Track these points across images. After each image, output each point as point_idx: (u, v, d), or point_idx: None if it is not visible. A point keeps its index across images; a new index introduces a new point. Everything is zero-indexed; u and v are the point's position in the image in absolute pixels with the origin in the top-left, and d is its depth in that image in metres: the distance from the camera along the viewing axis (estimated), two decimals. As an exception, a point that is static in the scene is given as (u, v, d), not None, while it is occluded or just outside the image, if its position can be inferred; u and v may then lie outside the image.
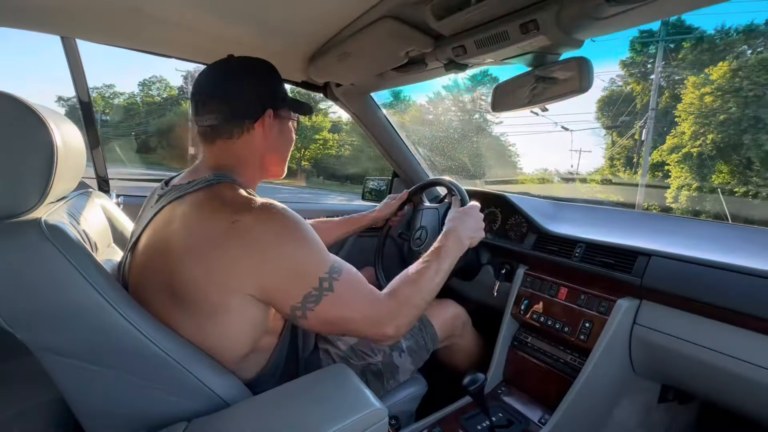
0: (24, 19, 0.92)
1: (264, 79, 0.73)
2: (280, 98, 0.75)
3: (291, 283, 0.60)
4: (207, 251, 0.57)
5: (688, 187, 11.07)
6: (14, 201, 0.49)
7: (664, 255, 0.87)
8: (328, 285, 0.61)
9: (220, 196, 0.63)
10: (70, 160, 0.57)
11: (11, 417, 0.77)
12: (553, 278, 1.09)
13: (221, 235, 0.57)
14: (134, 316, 0.52)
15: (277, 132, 0.75)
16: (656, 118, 12.68)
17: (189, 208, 0.61)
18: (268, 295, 0.60)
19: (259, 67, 0.74)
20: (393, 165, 1.73)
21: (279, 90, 0.75)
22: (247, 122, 0.70)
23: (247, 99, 0.71)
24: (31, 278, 0.47)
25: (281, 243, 0.59)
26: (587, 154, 36.99)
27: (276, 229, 0.60)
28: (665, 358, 0.86)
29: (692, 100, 10.70)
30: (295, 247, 0.61)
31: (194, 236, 0.58)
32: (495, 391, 1.09)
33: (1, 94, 0.49)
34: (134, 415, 0.55)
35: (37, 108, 0.51)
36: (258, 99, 0.71)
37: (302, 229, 0.62)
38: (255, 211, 0.59)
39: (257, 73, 0.73)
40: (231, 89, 0.70)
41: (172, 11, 0.84)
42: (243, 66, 0.73)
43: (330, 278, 0.62)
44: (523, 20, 0.68)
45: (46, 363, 0.50)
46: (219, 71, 0.72)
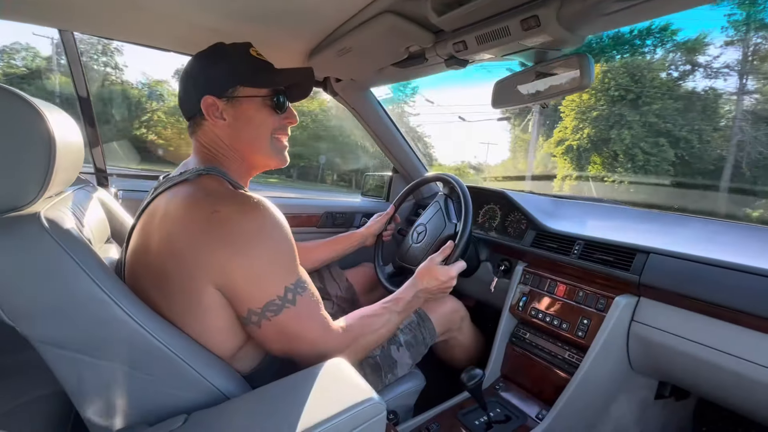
0: (23, 12, 0.92)
1: (205, 66, 0.69)
2: (229, 80, 0.68)
3: (257, 284, 0.58)
4: (184, 240, 0.57)
5: (570, 177, 12.35)
6: (13, 195, 0.49)
7: (662, 252, 0.87)
8: (291, 297, 0.60)
9: (204, 187, 0.62)
10: (68, 154, 0.57)
11: (13, 409, 0.78)
12: (552, 275, 1.09)
13: (200, 225, 0.57)
14: (132, 308, 0.53)
15: (233, 116, 0.69)
16: (545, 112, 13.63)
17: (174, 199, 0.61)
18: (230, 292, 0.58)
19: (206, 53, 0.70)
20: (392, 161, 1.72)
21: (226, 72, 0.68)
22: (198, 117, 0.70)
23: (188, 91, 0.69)
24: (31, 271, 0.47)
25: (257, 239, 0.58)
26: (495, 147, 41.01)
27: (255, 225, 0.58)
28: (663, 355, 0.87)
29: (573, 96, 11.36)
30: (269, 248, 0.59)
31: (175, 226, 0.58)
32: (493, 386, 1.10)
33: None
34: (134, 408, 0.55)
35: (35, 102, 0.51)
36: (197, 89, 0.68)
37: (281, 231, 0.61)
38: (236, 204, 0.59)
39: (200, 62, 0.70)
40: (181, 85, 0.71)
41: (170, 4, 0.84)
42: (193, 59, 0.71)
43: (295, 291, 0.61)
44: (524, 16, 0.68)
45: (47, 356, 0.50)
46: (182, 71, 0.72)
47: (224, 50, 0.70)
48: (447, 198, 1.22)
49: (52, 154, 0.51)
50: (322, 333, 0.66)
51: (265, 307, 0.59)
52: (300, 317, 0.62)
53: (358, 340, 0.72)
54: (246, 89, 0.69)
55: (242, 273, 0.57)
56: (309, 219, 1.57)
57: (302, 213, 1.55)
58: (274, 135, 0.74)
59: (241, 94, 0.68)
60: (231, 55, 0.69)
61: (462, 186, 1.12)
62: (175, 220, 0.58)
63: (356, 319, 0.75)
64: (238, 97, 0.68)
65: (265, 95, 0.70)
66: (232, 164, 0.72)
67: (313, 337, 0.64)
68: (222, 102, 0.67)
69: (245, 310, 0.59)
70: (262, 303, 0.59)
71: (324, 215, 1.61)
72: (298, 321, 0.62)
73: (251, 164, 0.75)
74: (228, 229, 0.56)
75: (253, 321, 0.60)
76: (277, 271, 0.60)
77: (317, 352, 0.65)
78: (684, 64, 11.91)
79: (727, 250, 0.83)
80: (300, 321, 0.62)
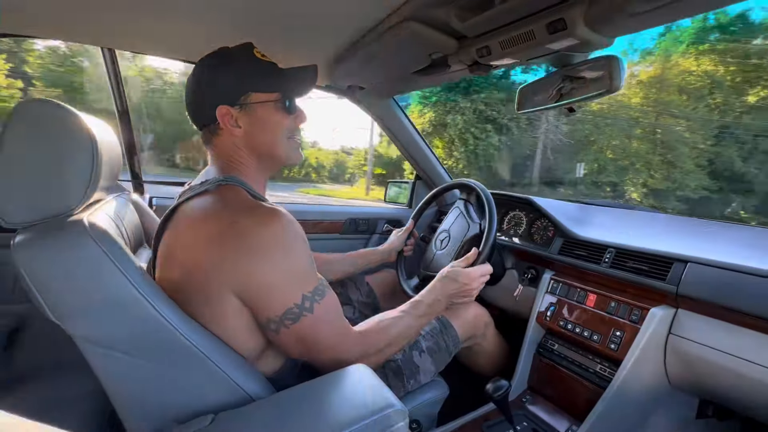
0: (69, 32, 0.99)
1: (214, 74, 0.68)
2: (240, 87, 0.68)
3: (274, 293, 0.60)
4: (204, 250, 0.58)
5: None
6: (60, 201, 0.53)
7: (702, 261, 0.82)
8: (309, 305, 0.61)
9: (224, 198, 0.64)
10: (108, 162, 0.61)
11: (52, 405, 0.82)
12: (581, 284, 1.05)
13: (219, 235, 0.58)
14: (165, 309, 0.55)
15: (249, 123, 0.70)
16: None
17: (196, 210, 0.63)
18: (249, 300, 0.60)
19: (213, 61, 0.69)
20: (416, 167, 1.72)
21: (236, 79, 0.68)
22: (211, 126, 0.70)
23: (199, 102, 0.69)
24: (75, 273, 0.50)
25: (275, 250, 0.59)
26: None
27: (273, 236, 0.59)
28: (704, 371, 0.81)
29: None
30: (287, 257, 0.60)
31: (196, 236, 0.60)
32: (519, 398, 1.06)
33: (46, 101, 0.53)
34: (165, 406, 0.57)
35: (80, 114, 0.54)
36: (209, 99, 0.68)
37: (298, 241, 0.62)
38: (255, 215, 0.60)
39: (209, 70, 0.69)
40: (188, 95, 0.71)
41: (202, 20, 0.88)
42: (200, 65, 0.70)
43: (312, 298, 0.62)
44: (550, 19, 0.67)
45: (87, 353, 0.53)
46: (187, 80, 0.71)
47: (230, 56, 0.70)
48: (466, 202, 1.21)
49: (94, 162, 0.54)
50: (340, 340, 0.66)
51: (283, 315, 0.60)
52: (318, 325, 0.63)
53: (378, 345, 0.72)
54: (257, 95, 0.69)
55: (260, 282, 0.59)
56: (332, 225, 1.59)
57: (325, 219, 1.57)
58: (289, 136, 0.75)
59: (253, 101, 0.69)
60: (239, 61, 0.69)
61: (486, 192, 1.10)
62: (196, 229, 0.61)
63: (375, 325, 0.75)
64: (251, 103, 0.69)
65: (276, 99, 0.71)
66: (250, 171, 0.73)
67: (331, 344, 0.65)
68: (235, 110, 0.68)
69: (264, 318, 0.61)
70: (281, 311, 0.60)
71: (347, 221, 1.62)
72: (316, 328, 0.63)
73: (269, 167, 0.76)
74: (246, 239, 0.58)
75: (272, 328, 0.61)
76: (294, 280, 0.61)
77: (336, 358, 0.66)
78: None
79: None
80: (318, 328, 0.63)
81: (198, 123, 0.72)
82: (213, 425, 0.52)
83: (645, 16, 0.62)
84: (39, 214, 0.52)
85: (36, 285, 0.49)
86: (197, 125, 0.73)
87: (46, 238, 0.50)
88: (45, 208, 0.52)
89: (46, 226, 0.51)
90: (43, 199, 0.52)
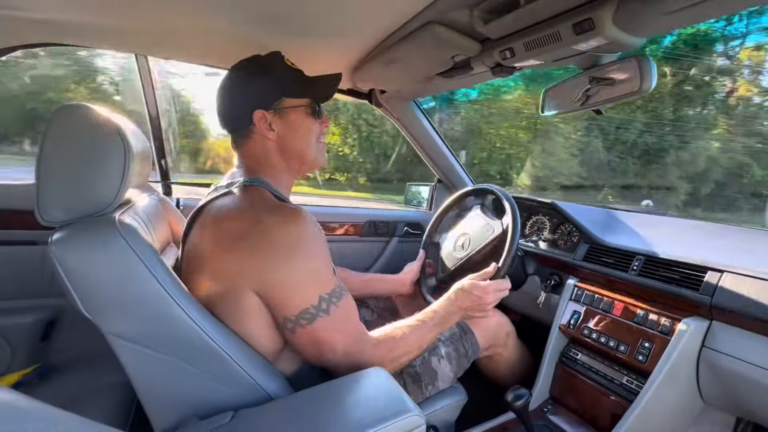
0: (102, 40, 1.04)
1: (250, 80, 0.72)
2: (275, 93, 0.72)
3: (292, 293, 0.61)
4: (229, 246, 0.61)
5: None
6: (93, 201, 0.55)
7: (738, 271, 0.78)
8: (326, 307, 0.62)
9: (249, 198, 0.66)
10: (139, 164, 0.63)
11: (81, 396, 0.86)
12: (607, 292, 1.02)
13: (244, 234, 0.60)
14: (190, 307, 0.57)
15: (283, 127, 0.73)
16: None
17: (222, 209, 0.65)
18: (268, 298, 0.61)
19: (248, 67, 0.74)
20: (437, 171, 1.72)
21: (271, 85, 0.72)
22: (243, 129, 0.73)
23: (235, 106, 0.72)
24: (107, 270, 0.53)
25: (296, 250, 0.61)
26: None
27: (295, 236, 0.61)
28: (740, 387, 0.77)
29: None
30: (307, 258, 0.62)
31: (222, 232, 0.62)
32: (540, 408, 1.03)
33: (81, 106, 0.56)
34: (187, 401, 0.59)
35: (113, 117, 0.57)
36: (245, 103, 0.71)
37: (319, 243, 0.64)
38: (278, 216, 0.61)
39: (245, 76, 0.73)
40: (223, 99, 0.74)
41: (228, 25, 0.90)
42: (235, 71, 0.74)
43: (329, 301, 0.62)
44: (577, 20, 0.65)
45: (115, 347, 0.55)
46: (220, 84, 0.75)
47: (266, 63, 0.74)
48: (482, 206, 1.18)
49: (126, 164, 0.57)
50: (354, 344, 0.66)
51: (299, 315, 0.61)
52: (333, 327, 0.63)
53: (392, 354, 0.71)
54: (291, 100, 0.73)
55: (279, 281, 0.60)
56: (352, 228, 1.60)
57: (345, 222, 1.58)
58: (318, 140, 0.78)
59: (286, 105, 0.73)
60: (274, 68, 0.73)
61: (508, 197, 1.08)
62: (221, 228, 0.63)
63: (390, 333, 0.74)
64: (285, 108, 0.73)
65: (306, 104, 0.75)
66: (278, 173, 0.75)
67: (344, 348, 0.65)
68: (270, 114, 0.72)
69: (281, 317, 0.62)
70: (297, 311, 0.61)
71: (366, 224, 1.63)
72: (331, 331, 0.63)
73: (298, 169, 0.79)
74: (269, 239, 0.60)
75: (288, 327, 0.62)
76: (312, 281, 0.62)
77: (349, 362, 0.65)
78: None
79: None
80: (333, 331, 0.63)
81: (230, 126, 0.75)
82: (233, 422, 0.53)
83: (677, 14, 0.60)
84: (75, 213, 0.54)
85: (71, 281, 0.51)
86: (228, 128, 0.76)
87: (81, 237, 0.52)
88: (80, 207, 0.55)
89: (81, 225, 0.53)
90: (79, 199, 0.54)
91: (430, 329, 0.80)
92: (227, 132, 0.77)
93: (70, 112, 0.55)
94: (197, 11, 0.81)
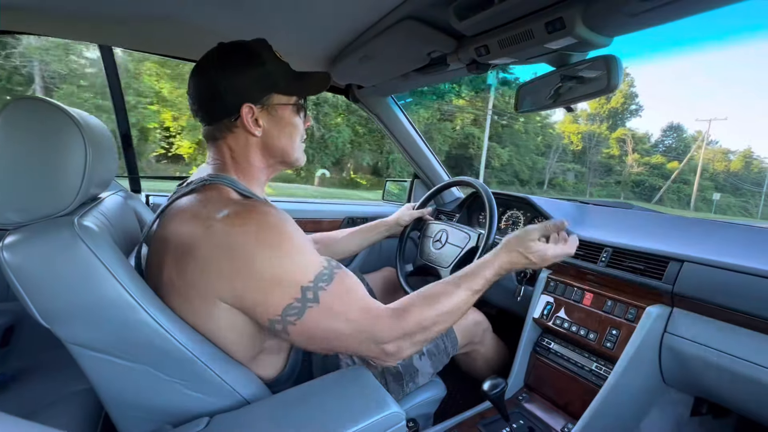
0: (65, 29, 0.98)
1: (239, 70, 0.65)
2: (264, 87, 0.67)
3: (268, 293, 0.54)
4: (185, 255, 0.56)
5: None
6: (50, 201, 0.52)
7: (697, 261, 0.83)
8: (312, 295, 0.55)
9: (205, 199, 0.61)
10: (102, 161, 0.60)
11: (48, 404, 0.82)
12: (578, 283, 1.06)
13: (197, 239, 0.55)
14: (158, 313, 0.54)
15: (268, 123, 0.69)
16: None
17: (180, 210, 0.61)
18: (244, 306, 0.56)
19: (236, 55, 0.66)
20: (414, 166, 1.72)
21: (262, 79, 0.67)
22: (226, 121, 0.67)
23: (220, 98, 0.65)
24: (65, 276, 0.49)
25: (258, 248, 0.54)
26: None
27: (253, 233, 0.55)
28: (698, 369, 0.82)
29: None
30: (273, 253, 0.55)
31: (177, 239, 0.57)
32: (516, 397, 1.07)
33: (36, 99, 0.52)
34: (159, 409, 0.56)
35: (70, 111, 0.53)
36: (233, 95, 0.65)
37: (284, 232, 0.57)
38: (234, 214, 0.56)
39: (233, 65, 0.65)
40: (205, 88, 0.66)
41: (199, 17, 0.87)
42: (217, 59, 0.66)
43: (316, 287, 0.56)
44: (549, 18, 0.67)
45: (77, 356, 0.52)
46: (196, 70, 0.67)
47: (256, 52, 0.67)
48: (466, 203, 1.21)
49: (86, 161, 0.53)
50: (364, 319, 0.58)
51: (284, 313, 0.55)
52: (331, 312, 0.56)
53: (423, 322, 0.61)
54: (279, 96, 0.69)
55: (247, 287, 0.55)
56: (330, 224, 1.59)
57: (323, 218, 1.57)
58: (301, 139, 0.75)
59: (275, 102, 0.69)
60: (265, 59, 0.67)
61: (486, 190, 1.10)
62: (176, 233, 0.58)
63: (418, 299, 0.64)
64: (274, 104, 0.68)
65: (294, 102, 0.71)
66: (254, 171, 0.71)
67: (353, 327, 0.57)
68: (258, 109, 0.67)
69: (264, 320, 0.56)
70: (280, 309, 0.55)
71: (345, 220, 1.62)
72: (328, 317, 0.56)
73: (277, 167, 0.75)
74: (225, 244, 0.54)
75: (278, 329, 0.56)
76: (287, 275, 0.55)
77: (363, 339, 0.58)
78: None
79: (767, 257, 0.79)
80: (332, 316, 0.56)
81: (210, 117, 0.68)
82: (208, 428, 0.52)
83: (643, 16, 0.62)
84: (30, 214, 0.51)
85: (25, 289, 0.48)
86: (207, 119, 0.69)
87: (35, 240, 0.48)
88: (35, 208, 0.51)
89: (37, 228, 0.50)
90: (34, 200, 0.51)
91: (473, 295, 0.69)
92: (203, 123, 0.70)
93: (24, 106, 0.51)
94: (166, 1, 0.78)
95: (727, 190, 32.34)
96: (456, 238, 1.15)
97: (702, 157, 29.78)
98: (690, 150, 30.74)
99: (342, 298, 0.58)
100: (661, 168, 29.90)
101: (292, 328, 0.56)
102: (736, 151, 35.13)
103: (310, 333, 0.57)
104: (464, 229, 1.16)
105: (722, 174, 33.13)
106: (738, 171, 33.80)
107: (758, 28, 37.94)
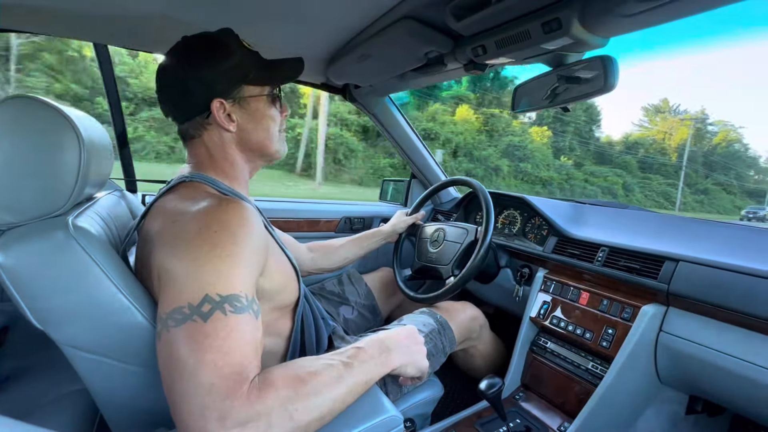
0: (61, 27, 0.97)
1: (206, 64, 0.62)
2: (234, 79, 0.64)
3: (174, 285, 0.48)
4: (152, 249, 0.54)
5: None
6: (44, 202, 0.51)
7: (692, 261, 0.84)
8: (208, 310, 0.45)
9: (180, 196, 0.60)
10: (97, 160, 0.59)
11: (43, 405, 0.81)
12: (575, 282, 1.06)
13: (163, 231, 0.54)
14: (152, 314, 0.53)
15: (242, 117, 0.66)
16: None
17: (155, 208, 0.61)
18: (159, 292, 0.50)
19: (201, 48, 0.63)
20: (411, 166, 1.72)
21: (231, 71, 0.63)
22: (198, 119, 0.64)
23: (188, 95, 0.62)
24: (58, 277, 0.48)
25: (196, 238, 0.49)
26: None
27: (203, 223, 0.51)
28: (693, 367, 0.83)
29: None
30: (209, 249, 0.49)
31: (150, 235, 0.56)
32: (512, 396, 1.07)
33: (30, 97, 0.51)
34: (154, 410, 0.56)
35: (65, 110, 0.52)
36: (201, 91, 0.62)
37: (234, 235, 0.51)
38: (197, 208, 0.54)
39: (198, 58, 0.62)
40: (172, 85, 0.64)
41: (196, 16, 0.87)
42: (182, 54, 0.63)
43: (219, 304, 0.45)
44: (546, 19, 0.67)
45: (72, 358, 0.51)
46: (161, 67, 0.64)
47: (221, 43, 0.64)
48: (463, 203, 1.21)
49: (81, 161, 0.52)
50: (223, 383, 0.42)
51: (170, 314, 0.45)
52: (202, 341, 0.43)
53: (287, 404, 0.44)
54: (250, 88, 0.66)
55: (167, 270, 0.49)
56: (327, 224, 1.59)
57: (320, 218, 1.57)
58: (279, 130, 0.73)
59: (246, 94, 0.66)
60: (232, 52, 0.64)
61: (483, 190, 1.11)
62: (151, 229, 0.57)
63: (287, 374, 0.48)
64: (246, 97, 0.66)
65: (268, 92, 0.69)
66: (233, 168, 0.69)
67: (195, 384, 0.42)
68: (229, 103, 0.64)
69: (159, 316, 0.48)
70: (170, 308, 0.46)
71: (342, 220, 1.62)
72: (196, 345, 0.43)
73: (257, 163, 0.73)
74: (177, 231, 0.52)
75: (158, 329, 0.47)
76: (203, 275, 0.47)
77: (192, 406, 0.41)
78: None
79: (763, 257, 0.79)
80: (198, 347, 0.43)
81: (181, 116, 0.66)
82: None
83: (639, 17, 0.63)
84: (23, 215, 0.50)
85: (18, 290, 0.47)
86: (179, 118, 0.66)
87: (29, 241, 0.48)
88: (29, 209, 0.50)
89: (31, 228, 0.49)
90: (27, 200, 0.50)
91: (353, 374, 0.52)
92: (176, 122, 0.67)
93: (16, 105, 0.50)
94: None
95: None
96: (454, 235, 1.15)
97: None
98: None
99: (230, 337, 0.45)
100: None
101: (165, 335, 0.46)
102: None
103: (168, 351, 0.45)
104: (461, 226, 1.16)
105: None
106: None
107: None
